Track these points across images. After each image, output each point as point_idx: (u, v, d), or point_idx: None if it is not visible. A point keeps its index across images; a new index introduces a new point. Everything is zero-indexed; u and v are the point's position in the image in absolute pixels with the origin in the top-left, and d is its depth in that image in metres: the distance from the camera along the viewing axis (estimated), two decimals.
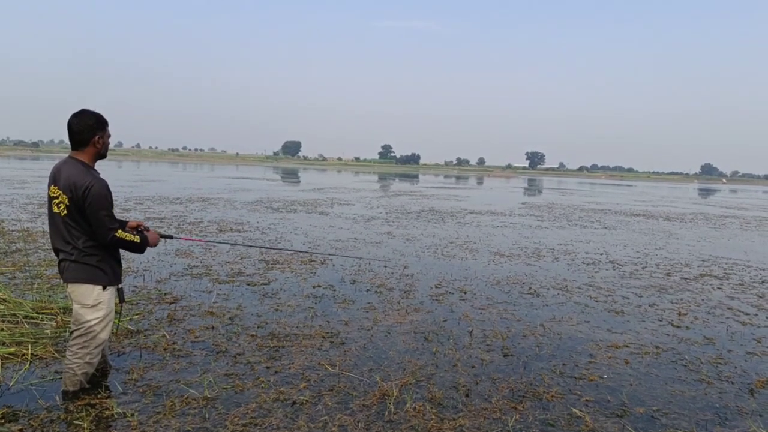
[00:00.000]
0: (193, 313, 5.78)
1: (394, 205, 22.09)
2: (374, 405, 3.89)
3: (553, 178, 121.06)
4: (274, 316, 5.83)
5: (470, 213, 19.88)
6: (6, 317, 5.05)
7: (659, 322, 6.42)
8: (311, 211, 17.84)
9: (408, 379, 4.35)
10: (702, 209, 29.41)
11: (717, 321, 6.60)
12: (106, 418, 3.49)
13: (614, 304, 7.12)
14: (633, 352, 5.32)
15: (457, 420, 3.73)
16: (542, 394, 4.22)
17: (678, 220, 21.00)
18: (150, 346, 4.75)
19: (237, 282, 7.26)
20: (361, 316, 6.02)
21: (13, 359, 4.28)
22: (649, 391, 4.39)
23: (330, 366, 4.54)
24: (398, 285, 7.59)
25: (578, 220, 18.87)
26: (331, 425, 3.56)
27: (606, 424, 3.80)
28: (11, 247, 8.73)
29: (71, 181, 3.45)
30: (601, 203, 30.32)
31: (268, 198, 22.48)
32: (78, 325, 3.65)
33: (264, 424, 3.53)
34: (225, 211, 16.23)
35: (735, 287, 8.64)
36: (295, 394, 3.99)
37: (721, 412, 4.09)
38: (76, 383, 3.75)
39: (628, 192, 51.79)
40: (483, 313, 6.39)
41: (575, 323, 6.18)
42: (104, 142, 3.68)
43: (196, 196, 21.20)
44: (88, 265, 3.58)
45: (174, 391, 3.91)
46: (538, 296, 7.37)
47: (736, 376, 4.84)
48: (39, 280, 6.61)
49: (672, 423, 3.87)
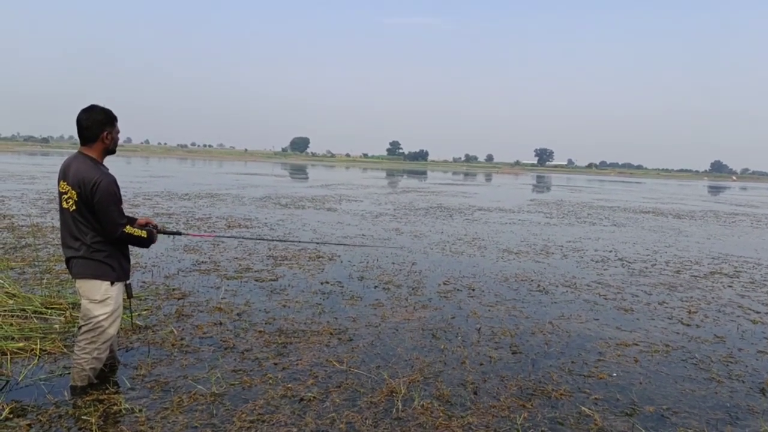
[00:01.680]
0: (201, 309, 5.79)
1: (402, 201, 22.06)
2: (382, 402, 3.88)
3: (561, 175, 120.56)
4: (282, 313, 5.83)
5: (478, 210, 19.82)
6: (15, 312, 5.08)
7: (669, 320, 6.38)
8: (319, 207, 17.85)
9: (416, 377, 4.34)
10: (712, 206, 29.20)
11: (727, 319, 6.55)
12: (114, 413, 3.50)
13: (623, 302, 7.08)
14: (642, 350, 5.28)
15: (466, 418, 3.71)
16: (551, 392, 4.20)
17: (688, 218, 20.85)
18: (158, 341, 4.77)
19: (245, 278, 7.26)
20: (369, 313, 6.01)
21: (22, 354, 4.30)
22: (658, 390, 4.36)
23: (338, 363, 4.54)
24: (406, 282, 7.58)
25: (587, 217, 18.78)
26: (338, 422, 3.55)
27: (615, 422, 3.77)
28: (21, 242, 8.78)
29: (80, 177, 3.45)
30: (610, 200, 30.16)
31: (277, 194, 22.51)
32: (86, 320, 3.66)
33: (271, 420, 3.53)
34: (233, 207, 16.26)
35: (746, 285, 8.56)
36: (302, 390, 3.98)
37: (732, 411, 4.05)
38: (85, 378, 3.76)
39: (637, 189, 51.49)
40: (491, 311, 6.36)
41: (584, 321, 6.15)
42: (113, 138, 3.69)
43: (204, 192, 21.26)
44: (97, 260, 3.59)
45: (182, 387, 3.92)
46: (546, 293, 7.34)
47: (747, 374, 4.80)
48: (48, 276, 6.64)
49: (682, 422, 3.84)
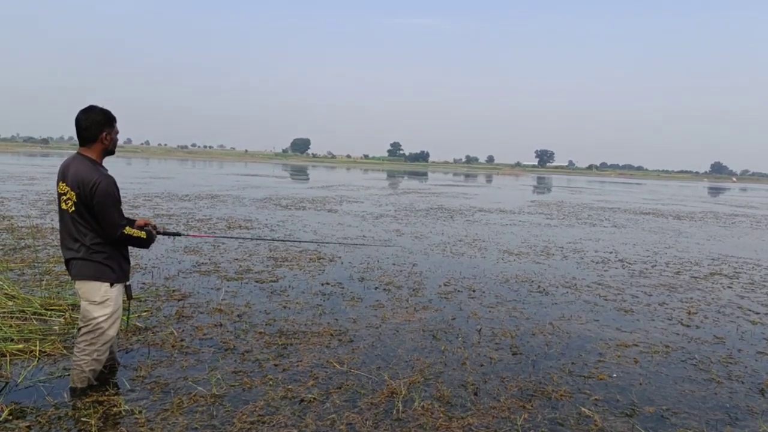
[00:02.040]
0: (202, 310, 5.79)
1: (402, 202, 22.06)
2: (382, 403, 3.88)
3: (562, 176, 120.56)
4: (283, 314, 5.83)
5: (479, 211, 19.83)
6: (15, 314, 5.08)
7: (669, 321, 6.37)
8: (320, 208, 17.84)
9: (416, 378, 4.33)
10: (712, 208, 29.20)
11: (727, 320, 6.55)
12: (114, 415, 3.50)
13: (623, 303, 7.08)
14: (642, 351, 5.28)
15: (466, 419, 3.71)
16: (551, 393, 4.20)
17: (688, 219, 20.86)
18: (158, 343, 4.76)
19: (245, 279, 7.26)
20: (370, 314, 6.01)
21: (21, 356, 4.30)
22: (658, 391, 4.36)
23: (338, 364, 4.54)
24: (407, 283, 7.58)
25: (587, 219, 18.78)
26: (339, 423, 3.55)
27: (615, 423, 3.77)
28: (20, 244, 8.78)
29: (79, 178, 3.45)
30: (610, 201, 30.17)
31: (277, 195, 22.51)
32: (86, 321, 3.66)
33: (272, 421, 3.53)
34: (234, 208, 16.26)
35: (745, 286, 8.56)
36: (303, 391, 3.98)
37: (732, 412, 4.05)
38: (84, 380, 3.75)
39: (637, 190, 51.50)
40: (492, 312, 6.36)
41: (584, 322, 6.14)
42: (112, 139, 3.69)
43: (205, 193, 21.26)
44: (96, 262, 3.59)
45: (182, 389, 3.92)
46: (547, 295, 7.34)
47: (747, 375, 4.80)
48: (48, 277, 6.64)
49: (682, 422, 3.84)
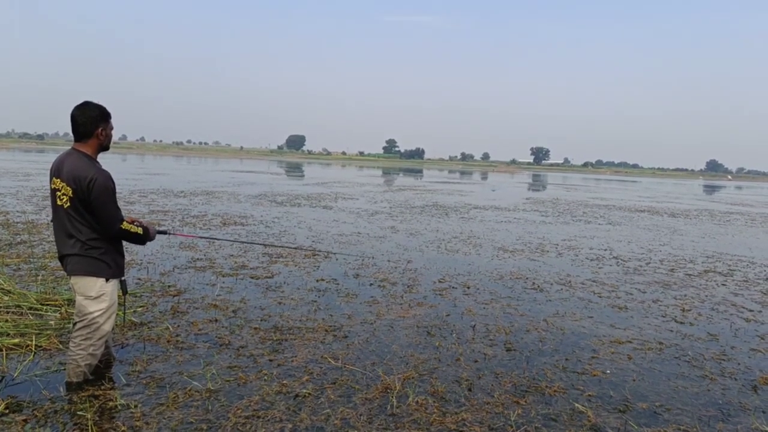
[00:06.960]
0: (197, 305, 5.79)
1: (398, 199, 22.07)
2: (377, 398, 3.90)
3: (557, 173, 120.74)
4: (278, 310, 5.84)
5: (474, 208, 19.86)
6: (10, 308, 5.07)
7: (663, 318, 6.41)
8: (315, 205, 17.84)
9: (411, 373, 4.35)
10: (707, 206, 29.30)
11: (721, 317, 6.58)
12: (110, 409, 3.50)
13: (618, 300, 7.11)
14: (636, 347, 5.31)
15: (460, 414, 3.73)
16: (545, 388, 4.22)
17: (682, 217, 20.93)
18: (153, 338, 4.77)
19: (240, 275, 7.27)
20: (365, 310, 6.02)
21: (17, 350, 4.30)
22: (651, 387, 4.38)
23: (333, 359, 4.55)
24: (401, 279, 7.59)
25: (582, 216, 18.83)
26: (333, 418, 3.56)
27: (608, 419, 3.80)
28: (16, 239, 8.76)
29: (75, 174, 3.45)
30: (605, 199, 30.23)
31: (272, 192, 22.50)
32: (81, 316, 3.66)
33: (266, 416, 3.54)
34: (229, 205, 16.25)
35: (739, 284, 8.61)
36: (297, 387, 3.99)
37: (724, 409, 4.08)
38: (80, 374, 3.76)
39: (632, 188, 51.60)
40: (486, 308, 6.38)
41: (578, 318, 6.17)
42: (107, 134, 3.70)
43: (200, 190, 21.23)
44: (92, 257, 3.59)
45: (177, 383, 3.93)
46: (541, 291, 7.37)
47: (740, 372, 4.83)
48: (43, 272, 6.63)
49: (674, 419, 3.87)
